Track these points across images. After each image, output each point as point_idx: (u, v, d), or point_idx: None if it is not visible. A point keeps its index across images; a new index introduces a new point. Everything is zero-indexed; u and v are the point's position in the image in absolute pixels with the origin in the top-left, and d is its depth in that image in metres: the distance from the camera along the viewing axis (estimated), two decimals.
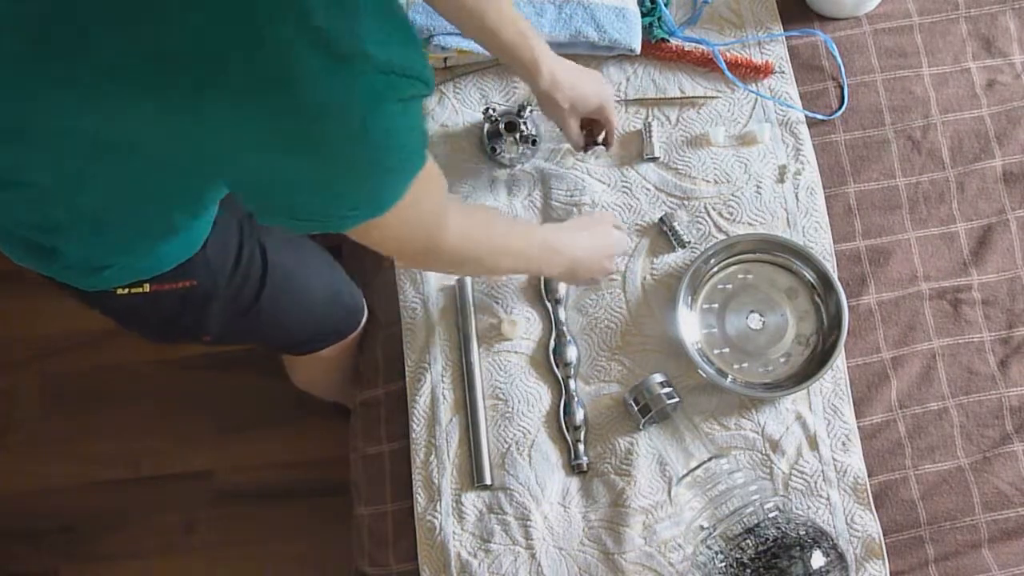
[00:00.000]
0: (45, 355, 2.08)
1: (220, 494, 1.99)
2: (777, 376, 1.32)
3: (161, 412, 2.03)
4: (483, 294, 1.37)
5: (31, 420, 2.05)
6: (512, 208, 1.40)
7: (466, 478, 1.30)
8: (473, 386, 1.33)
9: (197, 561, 1.96)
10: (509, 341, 1.35)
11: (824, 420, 1.29)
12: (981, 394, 1.31)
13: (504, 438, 1.31)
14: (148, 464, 2.01)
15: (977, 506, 1.27)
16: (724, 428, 1.30)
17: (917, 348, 1.33)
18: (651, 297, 1.35)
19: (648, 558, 1.25)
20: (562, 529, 1.28)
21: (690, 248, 1.37)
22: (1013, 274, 1.36)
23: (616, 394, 1.32)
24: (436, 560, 1.28)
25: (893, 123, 1.42)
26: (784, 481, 1.27)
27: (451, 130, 1.44)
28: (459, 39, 1.40)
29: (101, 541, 1.98)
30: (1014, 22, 1.46)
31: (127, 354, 2.04)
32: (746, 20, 1.47)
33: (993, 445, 1.29)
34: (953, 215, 1.38)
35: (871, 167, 1.40)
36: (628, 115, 1.43)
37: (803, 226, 1.37)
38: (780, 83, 1.43)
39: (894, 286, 1.35)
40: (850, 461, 1.28)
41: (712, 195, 1.38)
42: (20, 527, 1.99)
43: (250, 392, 2.01)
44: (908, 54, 1.44)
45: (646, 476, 1.28)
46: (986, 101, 1.42)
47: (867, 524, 1.26)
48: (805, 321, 1.33)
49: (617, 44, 1.42)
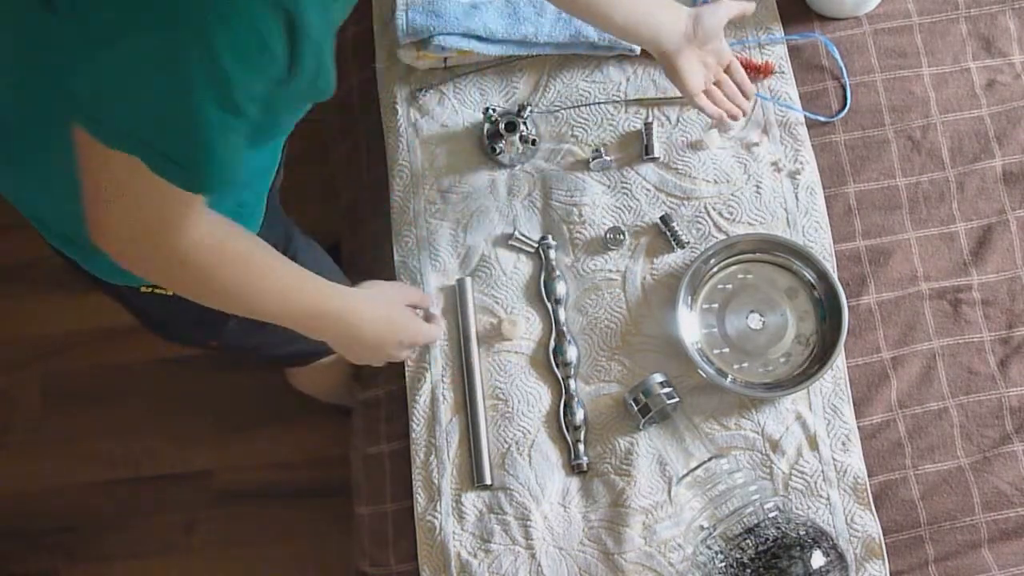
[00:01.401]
0: (45, 355, 2.08)
1: (220, 494, 1.99)
2: (777, 376, 1.32)
3: (161, 412, 2.03)
4: (483, 294, 1.37)
5: (31, 420, 2.05)
6: (512, 208, 1.40)
7: (466, 478, 1.30)
8: (473, 386, 1.33)
9: (197, 561, 1.96)
10: (509, 341, 1.35)
11: (824, 420, 1.29)
12: (981, 394, 1.31)
13: (504, 438, 1.31)
14: (148, 464, 2.01)
15: (977, 506, 1.27)
16: (724, 428, 1.30)
17: (917, 348, 1.33)
18: (651, 297, 1.35)
19: (648, 558, 1.25)
20: (562, 529, 1.28)
21: (690, 248, 1.37)
22: (1013, 274, 1.36)
23: (616, 394, 1.32)
24: (436, 560, 1.28)
25: (893, 123, 1.42)
26: (784, 481, 1.27)
27: (451, 130, 1.44)
28: (459, 39, 1.40)
29: (101, 541, 1.98)
30: (1014, 22, 1.46)
31: (127, 354, 2.04)
32: (746, 20, 1.46)
33: (993, 445, 1.29)
34: (953, 215, 1.38)
35: (871, 167, 1.40)
36: (628, 115, 1.43)
37: (803, 226, 1.37)
38: (780, 83, 1.43)
39: (894, 286, 1.35)
40: (850, 461, 1.28)
41: (712, 195, 1.38)
42: (20, 527, 1.99)
43: (250, 392, 2.01)
44: (908, 54, 1.44)
45: (646, 476, 1.28)
46: (986, 101, 1.42)
47: (867, 524, 1.26)
48: (805, 321, 1.33)
49: (617, 44, 1.42)
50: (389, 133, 1.47)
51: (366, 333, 1.17)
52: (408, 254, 1.40)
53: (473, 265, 1.39)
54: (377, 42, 1.51)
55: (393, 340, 1.21)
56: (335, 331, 1.14)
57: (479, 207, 1.40)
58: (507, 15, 1.41)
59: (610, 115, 1.43)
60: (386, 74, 1.49)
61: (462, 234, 1.40)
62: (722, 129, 1.40)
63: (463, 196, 1.41)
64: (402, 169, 1.44)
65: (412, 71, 1.47)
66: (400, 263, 1.40)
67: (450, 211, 1.41)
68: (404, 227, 1.42)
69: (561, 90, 1.45)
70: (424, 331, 1.25)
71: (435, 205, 1.42)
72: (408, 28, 1.40)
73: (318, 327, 1.13)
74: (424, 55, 1.43)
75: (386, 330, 1.19)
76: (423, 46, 1.42)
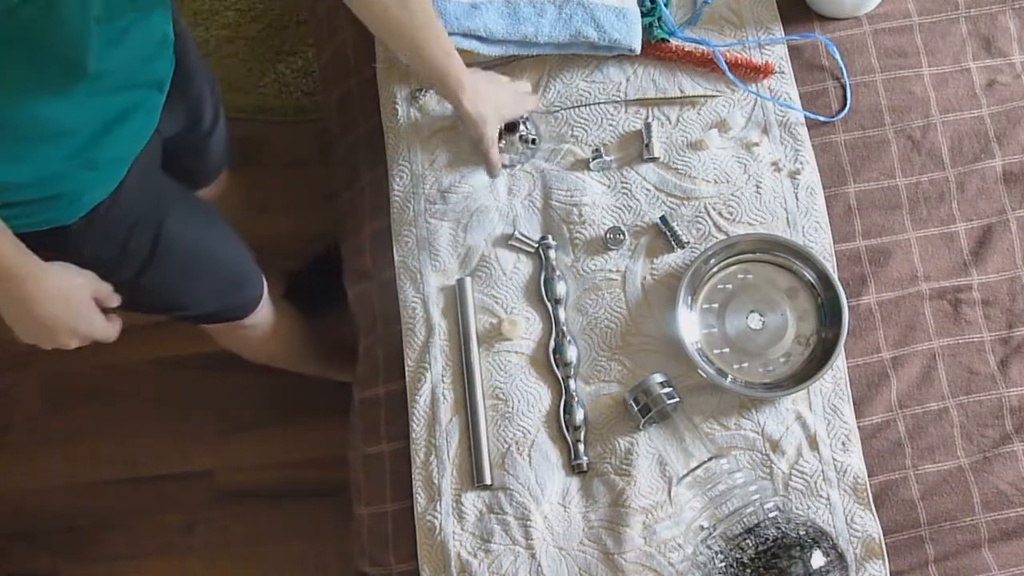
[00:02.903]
0: (45, 355, 2.07)
1: (220, 494, 1.99)
2: (777, 376, 1.32)
3: (161, 412, 2.03)
4: (483, 294, 1.37)
5: (31, 420, 2.05)
6: (512, 208, 1.40)
7: (466, 478, 1.31)
8: (473, 386, 1.33)
9: (197, 561, 1.96)
10: (509, 341, 1.35)
11: (824, 420, 1.29)
12: (981, 394, 1.31)
13: (504, 438, 1.31)
14: (148, 464, 2.02)
15: (977, 506, 1.27)
16: (724, 428, 1.30)
17: (917, 348, 1.33)
18: (651, 297, 1.35)
19: (648, 558, 1.25)
20: (562, 529, 1.28)
21: (690, 248, 1.37)
22: (1013, 274, 1.36)
23: (616, 394, 1.32)
24: (436, 560, 1.28)
25: (893, 123, 1.42)
26: (784, 481, 1.28)
27: (451, 130, 1.44)
28: (459, 39, 1.40)
29: (101, 541, 1.98)
30: (1014, 22, 1.46)
31: (127, 354, 2.04)
32: (746, 20, 1.47)
33: (993, 445, 1.29)
34: (953, 215, 1.38)
35: (871, 167, 1.40)
36: (628, 115, 1.43)
37: (803, 226, 1.37)
38: (780, 83, 1.43)
39: (894, 286, 1.35)
40: (850, 461, 1.28)
41: (712, 195, 1.38)
42: (20, 527, 1.99)
43: (250, 392, 2.01)
44: (908, 54, 1.44)
45: (646, 476, 1.28)
46: (986, 101, 1.42)
47: (867, 524, 1.26)
48: (805, 321, 1.33)
49: (617, 44, 1.42)
50: (389, 133, 1.47)
51: (41, 309, 1.10)
52: (408, 254, 1.40)
53: (473, 265, 1.39)
54: (377, 42, 1.51)
55: (67, 325, 1.14)
56: (5, 294, 1.07)
57: (479, 207, 1.41)
58: (507, 15, 1.41)
59: (610, 115, 1.43)
60: (386, 74, 1.49)
61: (462, 234, 1.40)
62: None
63: (463, 196, 1.41)
64: (402, 169, 1.44)
65: (412, 71, 1.47)
66: (400, 263, 1.41)
67: (450, 211, 1.41)
68: (404, 227, 1.42)
69: (561, 90, 1.45)
70: (100, 326, 1.18)
71: (435, 205, 1.42)
72: None
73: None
74: None
75: (63, 312, 1.12)
76: None
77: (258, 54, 2.17)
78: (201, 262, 1.36)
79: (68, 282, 1.13)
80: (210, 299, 1.44)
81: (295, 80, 2.17)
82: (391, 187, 1.44)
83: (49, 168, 1.10)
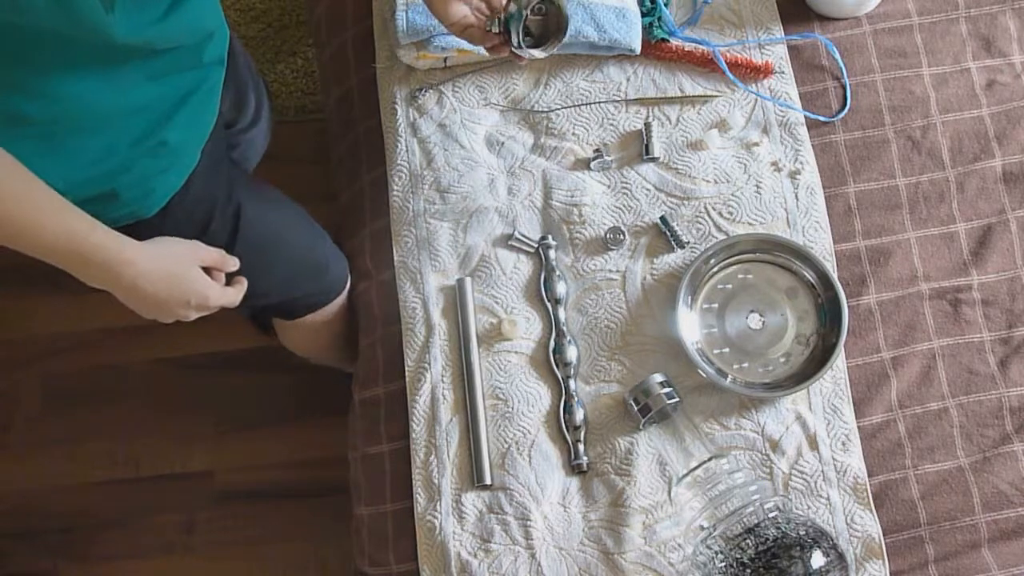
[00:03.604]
0: (45, 355, 2.08)
1: (220, 494, 1.99)
2: (777, 376, 1.32)
3: (161, 412, 2.03)
4: (483, 294, 1.37)
5: (31, 420, 2.05)
6: (512, 208, 1.40)
7: (466, 478, 1.31)
8: (473, 386, 1.33)
9: (197, 561, 1.96)
10: (509, 341, 1.35)
11: (824, 420, 1.29)
12: (981, 394, 1.31)
13: (504, 438, 1.31)
14: (148, 464, 2.01)
15: (977, 506, 1.27)
16: (724, 428, 1.30)
17: (917, 348, 1.33)
18: (651, 297, 1.35)
19: (648, 558, 1.25)
20: (562, 529, 1.28)
21: (690, 248, 1.37)
22: (1013, 274, 1.36)
23: (616, 394, 1.32)
24: (436, 560, 1.28)
25: (893, 123, 1.42)
26: (784, 481, 1.27)
27: (450, 130, 1.44)
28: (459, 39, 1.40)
29: (101, 541, 1.98)
30: (1014, 22, 1.46)
31: (127, 354, 2.04)
32: (746, 20, 1.47)
33: (993, 445, 1.29)
34: (953, 215, 1.38)
35: (871, 167, 1.40)
36: (628, 115, 1.43)
37: (803, 226, 1.37)
38: (780, 83, 1.43)
39: (894, 286, 1.35)
40: (850, 461, 1.28)
41: (712, 195, 1.38)
42: (19, 527, 1.99)
43: (250, 392, 2.01)
44: (908, 54, 1.44)
45: (646, 476, 1.28)
46: (986, 101, 1.42)
47: (867, 524, 1.26)
48: (805, 321, 1.33)
49: (617, 44, 1.42)
50: (388, 133, 1.47)
51: (145, 288, 1.08)
52: (408, 254, 1.40)
53: (473, 265, 1.39)
54: (377, 42, 1.51)
55: (179, 299, 1.13)
56: (105, 278, 1.05)
57: (479, 207, 1.41)
58: None
59: (610, 115, 1.43)
60: (386, 74, 1.49)
61: (462, 234, 1.40)
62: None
63: (463, 196, 1.41)
64: (401, 169, 1.44)
65: (412, 71, 1.47)
66: (400, 263, 1.41)
67: (449, 211, 1.41)
68: (404, 227, 1.42)
69: (561, 90, 1.45)
70: (215, 293, 1.16)
71: (435, 205, 1.42)
72: (408, 28, 1.40)
73: (81, 268, 1.03)
74: (424, 55, 1.43)
75: (169, 288, 1.10)
76: (423, 46, 1.42)
77: (258, 54, 2.17)
78: (281, 246, 1.33)
79: (167, 259, 1.10)
80: (291, 285, 1.39)
81: (295, 80, 2.17)
82: (391, 187, 1.44)
83: (114, 159, 1.05)
